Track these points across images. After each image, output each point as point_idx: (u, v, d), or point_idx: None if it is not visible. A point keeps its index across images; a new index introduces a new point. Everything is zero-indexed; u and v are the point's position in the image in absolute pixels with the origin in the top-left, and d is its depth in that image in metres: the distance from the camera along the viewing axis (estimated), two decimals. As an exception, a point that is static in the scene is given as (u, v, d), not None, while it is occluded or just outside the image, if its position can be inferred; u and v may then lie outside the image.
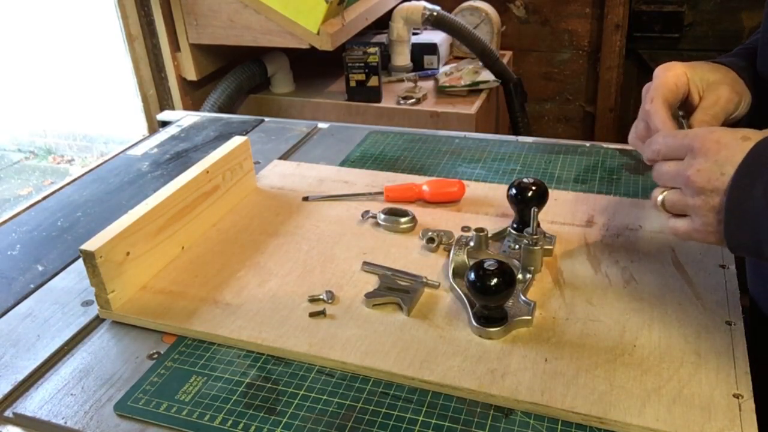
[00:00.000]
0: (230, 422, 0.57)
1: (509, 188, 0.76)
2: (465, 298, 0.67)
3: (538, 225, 0.72)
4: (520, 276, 0.70)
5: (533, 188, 0.74)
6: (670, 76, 0.65)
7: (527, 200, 0.74)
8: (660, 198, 0.59)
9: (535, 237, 0.70)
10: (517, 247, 0.75)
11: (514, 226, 0.77)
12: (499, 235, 0.78)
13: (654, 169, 0.60)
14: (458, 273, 0.72)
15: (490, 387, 0.58)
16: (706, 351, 0.60)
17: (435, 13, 1.73)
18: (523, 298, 0.67)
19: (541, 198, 0.74)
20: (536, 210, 0.70)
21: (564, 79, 2.41)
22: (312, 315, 0.68)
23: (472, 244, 0.74)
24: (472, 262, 0.65)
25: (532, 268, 0.71)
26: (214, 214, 0.85)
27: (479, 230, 0.74)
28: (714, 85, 0.66)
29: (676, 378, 0.58)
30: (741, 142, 0.52)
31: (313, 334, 0.65)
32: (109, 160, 1.09)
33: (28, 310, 0.73)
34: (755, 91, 0.69)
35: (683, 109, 0.68)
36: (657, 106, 0.64)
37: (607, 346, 0.62)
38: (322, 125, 1.18)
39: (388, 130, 1.13)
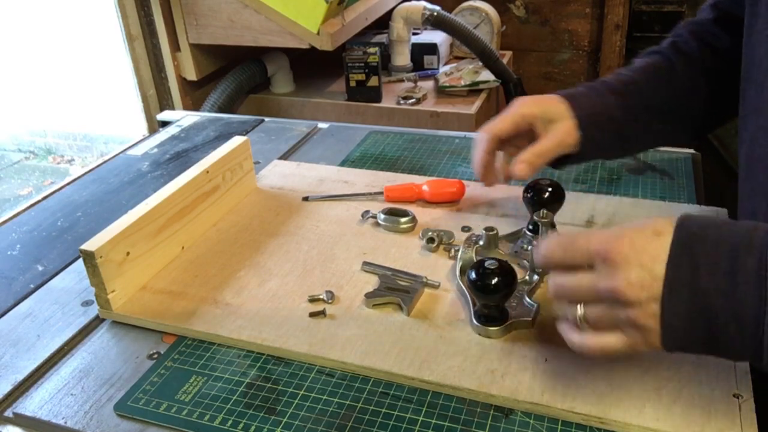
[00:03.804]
0: (230, 422, 0.57)
1: (525, 189, 0.76)
2: (469, 297, 0.67)
3: (554, 226, 0.74)
4: (527, 277, 0.70)
5: (549, 190, 0.74)
6: (517, 114, 0.74)
7: (543, 202, 0.74)
8: (580, 314, 0.52)
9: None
10: (529, 248, 0.74)
11: (530, 227, 0.77)
12: (514, 236, 0.78)
13: (553, 283, 0.54)
14: (465, 271, 0.72)
15: (490, 387, 0.58)
16: (706, 351, 0.60)
17: (435, 13, 1.73)
18: (527, 300, 0.67)
19: (556, 200, 0.75)
20: (544, 211, 0.70)
21: (564, 79, 2.41)
22: (312, 315, 0.68)
23: (481, 243, 0.74)
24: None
25: (540, 270, 0.71)
26: (214, 214, 0.85)
27: (489, 229, 0.74)
28: (552, 124, 0.74)
29: (676, 378, 0.58)
30: (656, 239, 0.48)
31: (313, 334, 0.65)
32: (109, 160, 1.09)
33: (28, 310, 0.73)
34: (592, 129, 0.75)
35: (529, 139, 0.75)
36: (482, 138, 0.76)
37: (607, 346, 0.62)
38: (322, 125, 1.18)
39: (388, 130, 1.13)
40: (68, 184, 1.01)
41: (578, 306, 0.52)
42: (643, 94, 0.78)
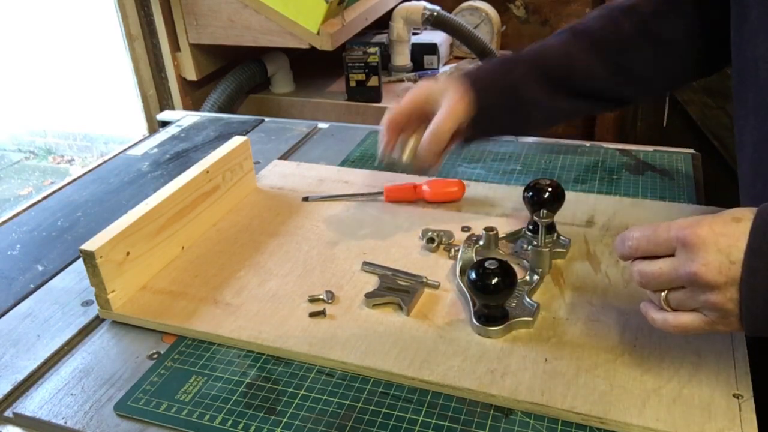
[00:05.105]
0: (230, 422, 0.57)
1: (525, 189, 0.76)
2: (469, 297, 0.67)
3: (554, 227, 0.74)
4: (527, 277, 0.70)
5: (549, 190, 0.74)
6: (413, 94, 0.77)
7: (543, 202, 0.74)
8: (663, 295, 0.54)
9: (546, 240, 0.71)
10: (529, 248, 0.74)
11: (530, 227, 0.77)
12: (514, 236, 0.78)
13: (636, 271, 0.55)
14: (465, 271, 0.72)
15: (490, 387, 0.58)
16: (706, 351, 0.60)
17: (435, 13, 1.73)
18: (527, 300, 0.67)
19: (556, 200, 0.74)
20: (544, 211, 0.70)
21: (564, 79, 2.41)
22: (312, 315, 0.68)
23: (481, 242, 0.74)
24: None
25: (540, 270, 0.71)
26: (214, 214, 0.85)
27: (489, 229, 0.74)
28: (444, 95, 0.74)
29: (676, 378, 0.58)
30: (735, 225, 0.49)
31: (313, 334, 0.65)
32: (109, 160, 1.09)
33: (28, 310, 0.73)
34: (486, 92, 0.76)
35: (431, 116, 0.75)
36: (388, 115, 0.78)
37: (607, 346, 0.62)
38: (322, 125, 1.18)
39: (388, 130, 1.13)
40: (68, 184, 1.01)
41: (661, 292, 0.54)
42: (547, 64, 0.77)
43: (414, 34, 1.91)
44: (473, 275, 0.62)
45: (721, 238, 0.49)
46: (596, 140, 1.09)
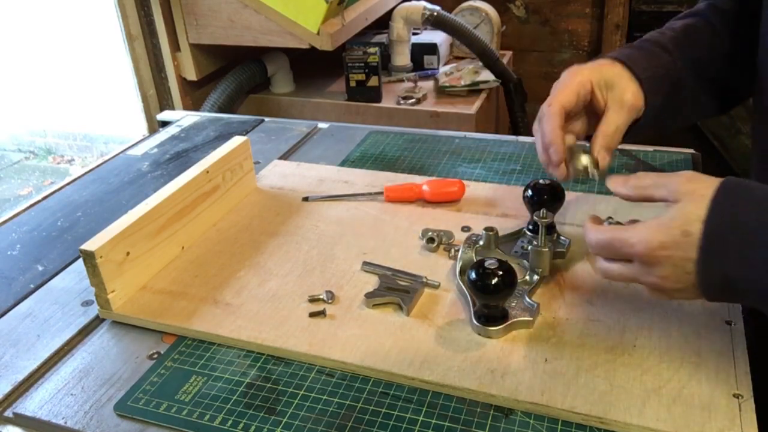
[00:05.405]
0: (230, 422, 0.57)
1: (525, 189, 0.76)
2: (469, 297, 0.67)
3: (554, 227, 0.74)
4: (527, 277, 0.70)
5: (549, 190, 0.74)
6: (574, 83, 0.68)
7: (543, 202, 0.74)
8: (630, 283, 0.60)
9: (545, 238, 0.71)
10: (529, 248, 0.74)
11: (530, 227, 0.77)
12: (514, 236, 0.78)
13: (599, 267, 0.60)
14: (465, 271, 0.72)
15: (490, 387, 0.58)
16: (706, 351, 0.60)
17: (435, 13, 1.73)
18: (527, 300, 0.67)
19: (556, 200, 0.74)
20: (544, 211, 0.70)
21: (564, 79, 2.41)
22: (312, 315, 0.68)
23: (481, 242, 0.74)
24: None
25: (540, 270, 0.71)
26: (214, 214, 0.85)
27: (489, 229, 0.74)
28: (613, 90, 0.68)
29: (676, 378, 0.58)
30: (684, 239, 0.52)
31: (313, 334, 0.65)
32: (109, 160, 1.09)
33: (28, 310, 0.73)
34: (653, 91, 0.70)
35: (588, 113, 0.71)
36: (552, 113, 0.68)
37: (607, 346, 0.62)
38: (322, 125, 1.18)
39: (388, 130, 1.13)
40: (68, 184, 1.01)
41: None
42: (689, 53, 0.73)
43: (414, 34, 1.91)
44: (473, 275, 0.62)
45: (674, 254, 0.53)
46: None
